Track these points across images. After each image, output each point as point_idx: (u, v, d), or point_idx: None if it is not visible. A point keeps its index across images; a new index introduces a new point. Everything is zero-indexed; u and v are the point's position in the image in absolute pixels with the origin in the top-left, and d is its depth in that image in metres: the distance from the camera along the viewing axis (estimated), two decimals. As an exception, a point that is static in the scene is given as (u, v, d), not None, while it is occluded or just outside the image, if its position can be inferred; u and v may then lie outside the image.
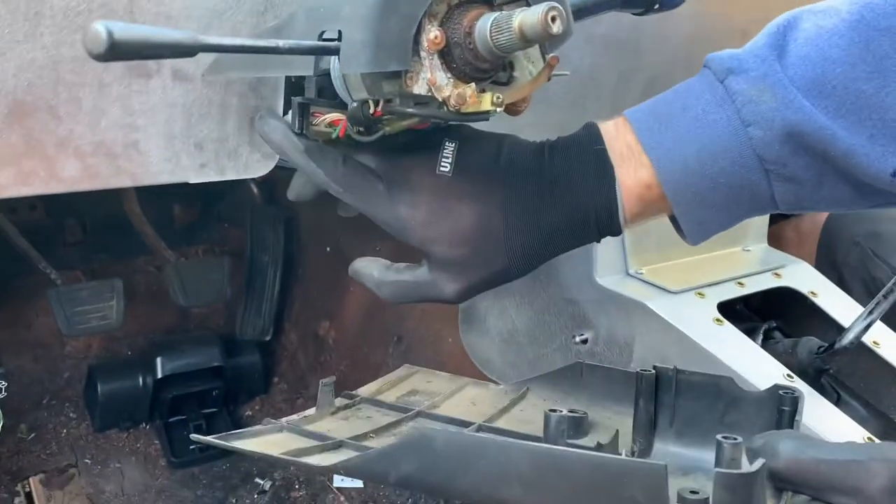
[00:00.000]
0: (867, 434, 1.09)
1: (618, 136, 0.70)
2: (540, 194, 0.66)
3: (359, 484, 1.61)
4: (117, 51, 0.47)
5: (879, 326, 1.21)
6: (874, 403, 1.23)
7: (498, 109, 0.73)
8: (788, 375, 1.13)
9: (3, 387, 1.11)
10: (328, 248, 1.85)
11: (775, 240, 1.53)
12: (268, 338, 1.83)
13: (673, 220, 0.68)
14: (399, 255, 1.93)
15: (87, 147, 0.81)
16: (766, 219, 1.49)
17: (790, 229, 1.61)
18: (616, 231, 0.67)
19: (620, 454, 0.74)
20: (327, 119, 0.90)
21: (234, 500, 1.57)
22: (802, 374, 1.16)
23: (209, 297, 1.66)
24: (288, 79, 0.92)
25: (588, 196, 0.66)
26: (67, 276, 1.67)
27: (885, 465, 0.56)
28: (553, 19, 0.63)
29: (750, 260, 1.42)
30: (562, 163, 0.68)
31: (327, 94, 0.90)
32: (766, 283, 1.32)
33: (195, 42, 0.52)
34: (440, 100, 0.70)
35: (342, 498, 1.59)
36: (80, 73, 0.78)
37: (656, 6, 0.87)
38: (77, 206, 1.72)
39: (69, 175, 0.81)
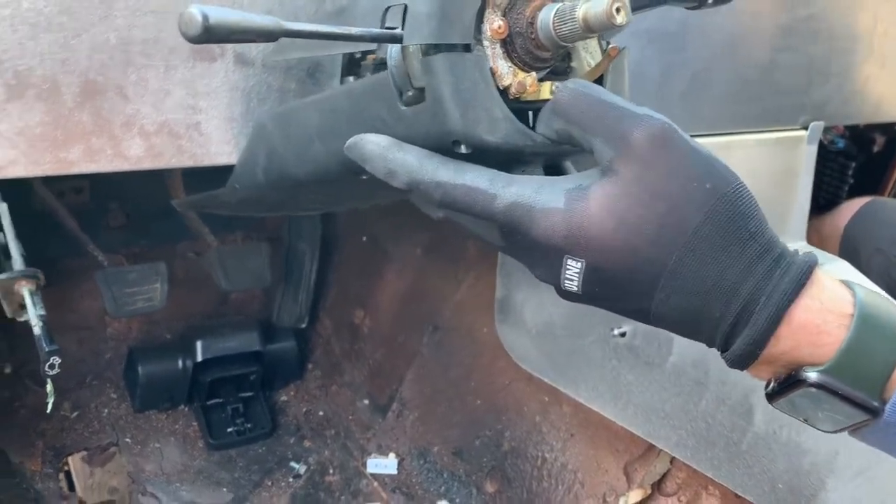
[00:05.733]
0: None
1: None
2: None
3: (392, 470, 1.64)
4: (210, 34, 0.49)
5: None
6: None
7: (557, 97, 0.74)
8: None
9: (56, 363, 1.14)
10: (364, 238, 1.88)
11: (795, 240, 1.52)
12: (304, 325, 1.86)
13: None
14: (435, 245, 1.97)
15: (152, 127, 0.84)
16: (805, 216, 1.49)
17: (811, 231, 1.60)
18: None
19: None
20: (383, 105, 0.92)
21: (269, 483, 1.60)
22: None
23: (250, 282, 1.69)
24: (343, 66, 0.94)
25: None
26: (110, 259, 1.71)
27: (657, 122, 0.54)
28: (618, 10, 0.64)
29: (789, 258, 1.43)
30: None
31: (383, 83, 0.91)
32: (806, 280, 1.32)
33: (278, 27, 0.54)
34: (501, 88, 0.72)
35: (375, 483, 1.62)
36: (149, 55, 0.80)
37: (710, 1, 0.88)
38: (121, 191, 1.76)
39: (134, 154, 0.84)
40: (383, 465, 1.64)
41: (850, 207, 1.62)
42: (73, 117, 0.79)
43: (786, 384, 0.54)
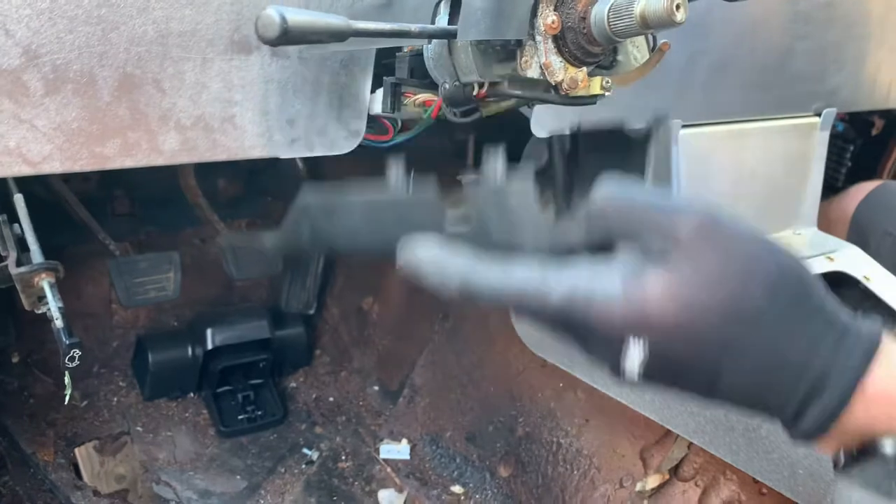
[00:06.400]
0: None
1: None
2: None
3: (405, 455, 1.64)
4: (288, 36, 0.48)
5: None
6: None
7: (606, 94, 0.74)
8: (848, 359, 1.15)
9: (77, 356, 1.13)
10: (372, 224, 1.86)
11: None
12: (311, 311, 1.85)
13: None
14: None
15: (188, 120, 0.82)
16: (817, 201, 1.50)
17: (820, 215, 1.61)
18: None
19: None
20: (419, 99, 0.92)
21: (282, 470, 1.60)
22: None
23: (260, 270, 1.67)
24: (378, 59, 0.93)
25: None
26: (116, 247, 1.69)
27: (699, 213, 0.54)
28: (678, 7, 0.64)
29: (801, 243, 1.44)
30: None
31: (418, 74, 0.91)
32: (820, 266, 1.33)
33: (348, 27, 0.54)
34: (553, 83, 0.71)
35: (388, 469, 1.62)
36: (186, 48, 0.79)
37: (749, -8, 0.87)
38: (126, 178, 1.73)
39: (169, 148, 0.83)
40: (396, 450, 1.64)
41: (859, 192, 1.63)
42: (109, 111, 0.78)
43: (859, 456, 0.54)
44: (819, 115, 1.44)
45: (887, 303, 1.30)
